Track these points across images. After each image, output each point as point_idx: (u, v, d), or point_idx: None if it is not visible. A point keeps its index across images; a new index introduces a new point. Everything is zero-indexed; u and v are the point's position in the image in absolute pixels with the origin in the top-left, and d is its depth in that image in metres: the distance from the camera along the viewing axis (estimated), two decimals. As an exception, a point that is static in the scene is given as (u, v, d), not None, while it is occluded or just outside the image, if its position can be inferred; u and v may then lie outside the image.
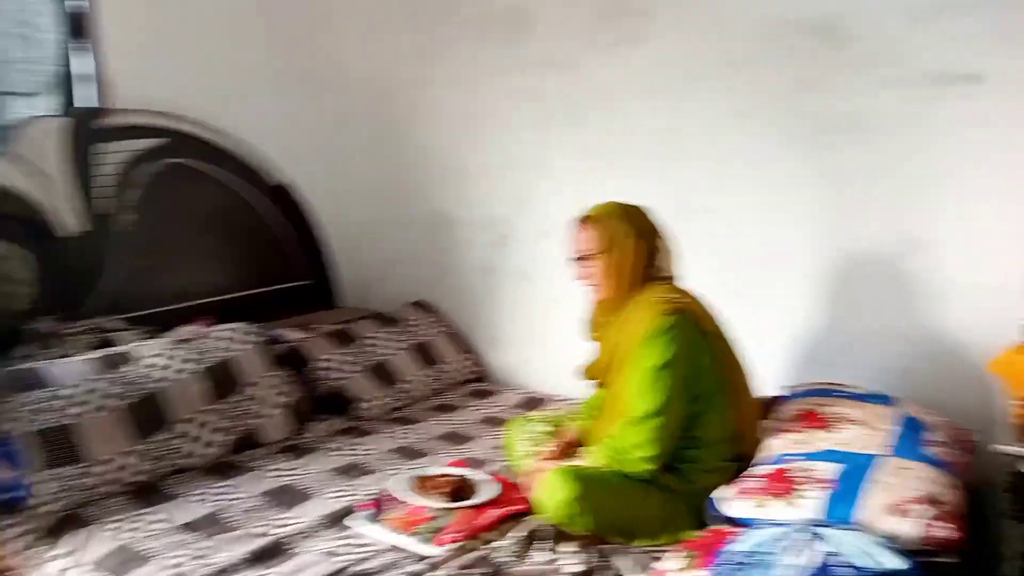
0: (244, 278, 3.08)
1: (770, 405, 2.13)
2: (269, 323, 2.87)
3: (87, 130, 2.60)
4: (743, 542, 1.50)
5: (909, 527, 1.52)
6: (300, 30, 3.29)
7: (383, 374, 2.83)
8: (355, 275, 3.48)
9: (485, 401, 2.89)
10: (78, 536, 1.90)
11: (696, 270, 2.13)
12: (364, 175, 3.45)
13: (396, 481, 2.05)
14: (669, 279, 2.03)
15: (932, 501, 1.57)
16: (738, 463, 1.93)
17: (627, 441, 1.86)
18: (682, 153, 2.58)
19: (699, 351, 1.91)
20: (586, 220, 2.02)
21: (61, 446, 2.04)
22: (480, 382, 3.13)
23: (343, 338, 2.89)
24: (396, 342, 2.97)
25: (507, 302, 3.13)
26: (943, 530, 1.51)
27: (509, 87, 2.95)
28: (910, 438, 1.80)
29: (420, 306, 3.26)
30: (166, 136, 2.79)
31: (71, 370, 2.19)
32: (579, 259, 2.03)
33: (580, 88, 2.78)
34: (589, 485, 1.81)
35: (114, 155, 2.66)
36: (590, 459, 1.95)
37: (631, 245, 1.97)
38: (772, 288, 2.47)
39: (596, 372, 2.12)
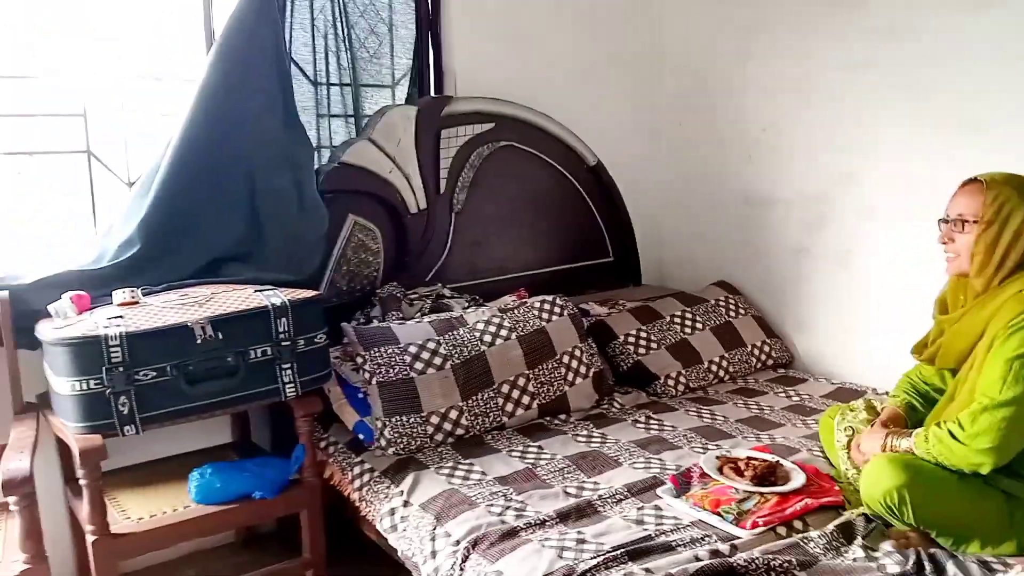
0: (556, 254, 3.24)
1: None
2: (575, 297, 3.00)
3: (433, 117, 2.89)
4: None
5: None
6: (621, 15, 3.37)
7: (685, 352, 2.84)
8: (656, 254, 3.51)
9: (791, 388, 2.77)
10: (413, 478, 2.14)
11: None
12: (673, 156, 3.46)
13: (703, 459, 2.05)
14: None
15: None
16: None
17: (967, 429, 1.68)
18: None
19: None
20: (974, 183, 1.82)
21: (402, 397, 2.31)
22: (785, 368, 3.01)
23: (646, 314, 2.93)
24: (698, 321, 2.96)
25: (820, 286, 2.96)
26: None
27: (838, 56, 2.78)
28: None
29: (724, 286, 3.20)
30: (496, 121, 3.02)
31: (414, 330, 2.47)
32: (951, 223, 1.84)
33: (922, 55, 2.53)
34: (917, 474, 1.67)
35: (453, 139, 2.94)
36: (916, 441, 1.78)
37: (1017, 224, 1.75)
38: None
39: (933, 353, 1.94)
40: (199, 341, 2.01)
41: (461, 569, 1.78)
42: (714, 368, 2.85)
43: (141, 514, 2.08)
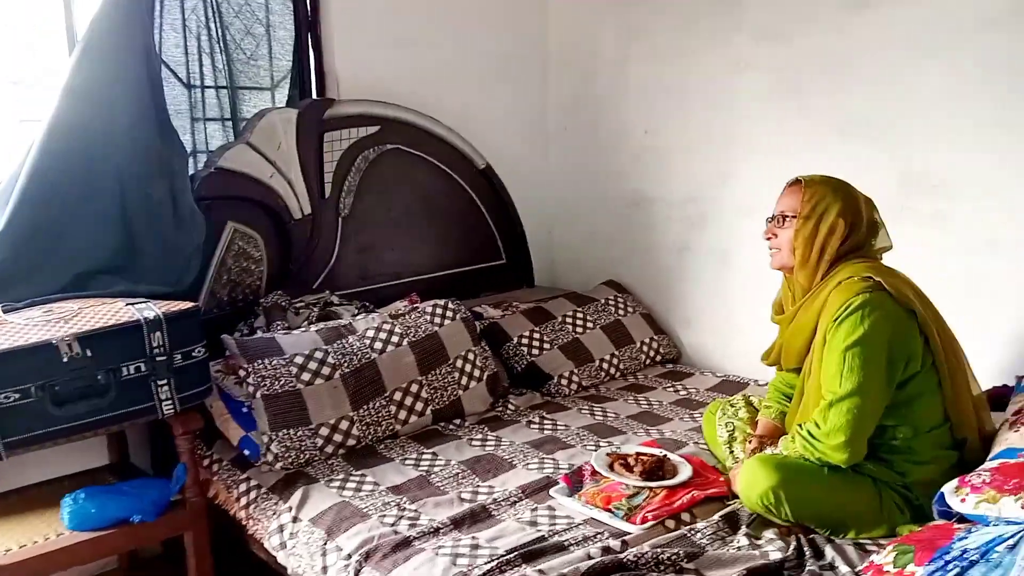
0: (447, 258, 3.23)
1: (1000, 395, 1.94)
2: (469, 300, 3.00)
3: (316, 120, 2.82)
4: (972, 539, 1.38)
5: None
6: (505, 16, 3.38)
7: (577, 351, 2.88)
8: (547, 255, 3.55)
9: (679, 383, 2.85)
10: (303, 493, 2.08)
11: (917, 249, 1.97)
12: (561, 157, 3.50)
13: (594, 457, 2.07)
14: (872, 259, 1.90)
15: None
16: (958, 454, 1.78)
17: (821, 427, 1.76)
18: (911, 124, 2.39)
19: (903, 330, 1.76)
20: (796, 183, 1.94)
21: (290, 409, 2.24)
22: (673, 363, 3.09)
23: (539, 315, 2.96)
24: (589, 321, 3.00)
25: (703, 283, 3.06)
26: None
27: (717, 59, 2.87)
28: None
29: (613, 285, 3.26)
30: (382, 124, 2.97)
31: (300, 340, 2.40)
32: (774, 220, 1.96)
33: (794, 58, 2.65)
34: (789, 474, 1.74)
35: (337, 142, 2.88)
36: (784, 446, 1.87)
37: (831, 220, 1.86)
38: (1007, 269, 2.23)
39: (776, 356, 2.04)
40: (65, 359, 1.89)
41: (354, 583, 1.74)
42: (605, 366, 2.90)
43: (9, 545, 1.94)
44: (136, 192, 2.37)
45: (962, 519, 1.57)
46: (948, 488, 1.63)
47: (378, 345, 2.44)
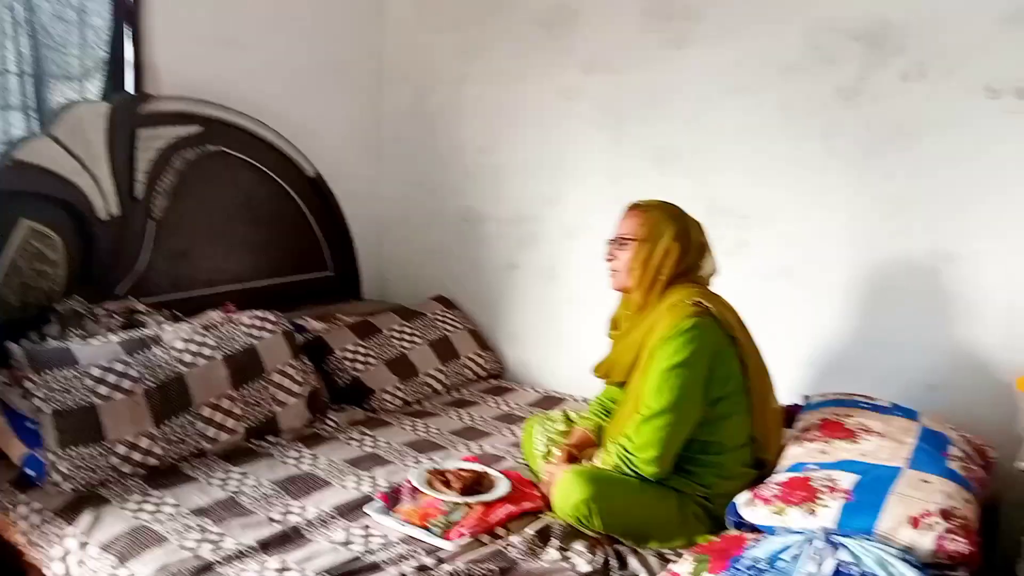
0: (271, 266, 3.10)
1: (790, 413, 2.11)
2: (292, 312, 2.89)
3: (129, 115, 2.62)
4: (760, 548, 1.48)
5: (925, 540, 1.50)
6: (342, 24, 3.30)
7: (402, 367, 2.84)
8: (377, 269, 3.50)
9: (501, 398, 2.89)
10: (94, 516, 1.91)
11: (726, 274, 2.10)
12: (395, 170, 3.47)
13: (412, 474, 2.05)
14: (702, 283, 2.01)
15: (947, 515, 1.54)
16: (759, 470, 1.91)
17: (634, 440, 1.84)
18: (719, 157, 2.56)
19: (723, 354, 1.89)
20: (635, 208, 2.02)
21: (82, 425, 2.06)
22: (498, 379, 3.13)
23: (365, 329, 2.90)
24: (416, 336, 2.98)
25: (529, 300, 3.12)
26: (957, 544, 1.49)
27: (547, 86, 2.95)
28: (930, 451, 1.77)
29: (442, 301, 3.26)
30: (205, 124, 2.81)
31: (97, 351, 2.22)
32: (614, 242, 2.02)
33: (619, 89, 2.77)
34: (602, 486, 1.80)
35: (153, 141, 2.69)
36: (601, 460, 1.93)
37: (666, 243, 1.96)
38: (800, 296, 2.44)
39: (606, 370, 2.11)
40: None
41: (146, 613, 1.62)
42: (430, 381, 2.89)
43: None
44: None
45: (753, 529, 1.69)
46: (740, 500, 1.74)
47: (187, 357, 2.29)
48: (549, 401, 2.82)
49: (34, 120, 2.59)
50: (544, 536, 1.83)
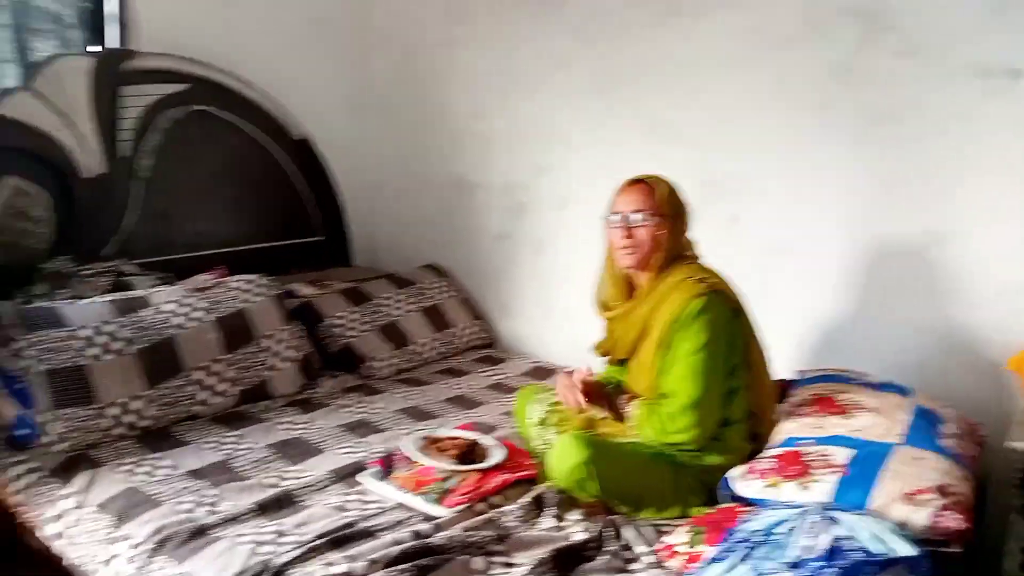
0: (259, 230, 3.07)
1: (782, 388, 2.13)
2: (281, 277, 2.86)
3: (113, 71, 2.57)
4: (756, 521, 1.50)
5: (919, 515, 1.52)
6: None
7: (394, 335, 2.84)
8: (367, 235, 3.46)
9: (493, 368, 2.89)
10: (86, 477, 1.91)
11: (717, 249, 2.10)
12: (384, 135, 3.43)
13: (406, 441, 2.05)
14: (694, 258, 2.02)
15: (943, 491, 1.57)
16: (753, 443, 1.94)
17: (674, 424, 1.85)
18: (712, 131, 2.55)
19: (732, 330, 1.90)
20: (639, 183, 1.96)
21: (73, 386, 2.05)
22: (489, 348, 3.12)
23: (356, 296, 2.89)
24: (408, 304, 2.97)
25: (520, 271, 3.11)
26: (953, 520, 1.51)
27: (539, 53, 2.91)
28: (924, 428, 1.80)
29: (433, 269, 3.25)
30: (191, 82, 2.76)
31: (87, 311, 2.19)
32: (623, 218, 1.93)
33: (612, 59, 2.74)
34: (599, 451, 1.81)
35: (138, 98, 2.64)
36: (634, 427, 1.92)
37: (685, 219, 1.96)
38: (793, 272, 2.45)
39: (607, 348, 2.10)
40: None
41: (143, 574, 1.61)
42: (422, 350, 2.88)
43: None
44: None
45: (747, 502, 1.71)
46: (734, 473, 1.77)
47: (177, 320, 2.27)
48: (540, 372, 2.82)
49: (15, 74, 2.52)
50: (539, 504, 1.84)
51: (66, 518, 1.82)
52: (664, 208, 1.93)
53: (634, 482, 1.83)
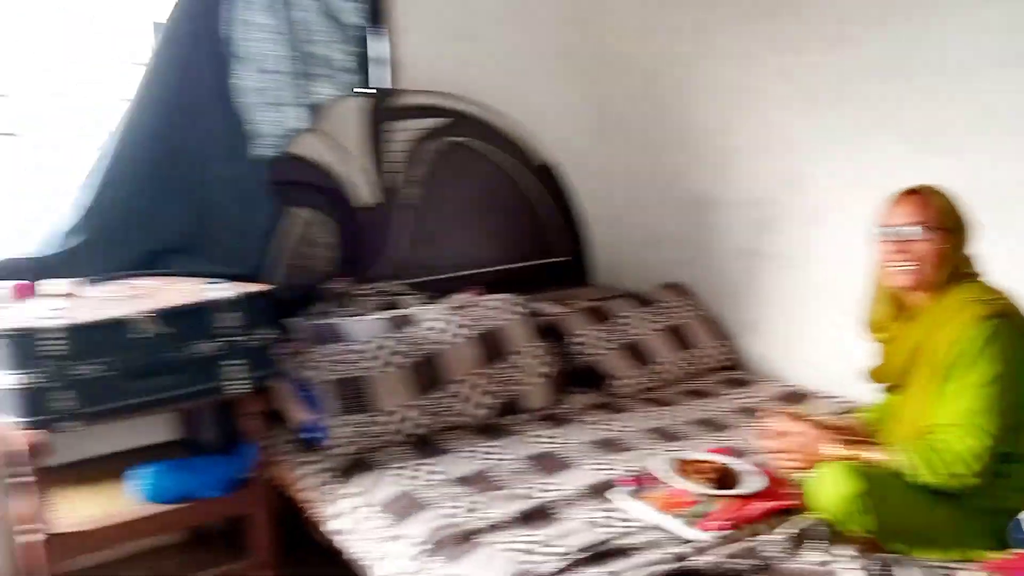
0: (508, 252, 3.22)
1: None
2: (529, 296, 2.98)
3: (382, 109, 2.84)
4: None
5: None
6: (574, 11, 3.35)
7: (636, 353, 2.85)
8: (609, 254, 3.52)
9: (741, 390, 2.81)
10: (367, 478, 2.10)
11: (996, 264, 1.89)
12: (625, 156, 3.47)
13: (658, 461, 2.05)
14: (975, 276, 1.84)
15: None
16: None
17: (956, 461, 1.68)
18: (981, 135, 2.31)
19: (1021, 358, 1.71)
20: (913, 193, 1.83)
21: (354, 395, 2.26)
22: (735, 370, 3.04)
23: (599, 315, 2.94)
24: (650, 323, 2.97)
25: (769, 288, 3.00)
26: None
27: (784, 63, 2.81)
28: None
29: (675, 288, 3.23)
30: (448, 116, 2.98)
31: (363, 328, 2.42)
32: (898, 233, 1.81)
33: (862, 64, 2.57)
34: (873, 483, 1.69)
35: (403, 133, 2.89)
36: (896, 457, 1.77)
37: (966, 232, 1.81)
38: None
39: (887, 375, 1.96)
40: (144, 335, 1.92)
41: (417, 572, 1.75)
42: (666, 369, 2.87)
43: (84, 513, 1.99)
44: (207, 174, 2.43)
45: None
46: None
47: (440, 336, 2.44)
48: (792, 396, 2.70)
49: (298, 115, 2.85)
50: (803, 537, 1.76)
51: (349, 516, 2.02)
52: (943, 220, 1.79)
53: (911, 519, 1.69)
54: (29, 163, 2.39)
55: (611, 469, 2.13)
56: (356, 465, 2.16)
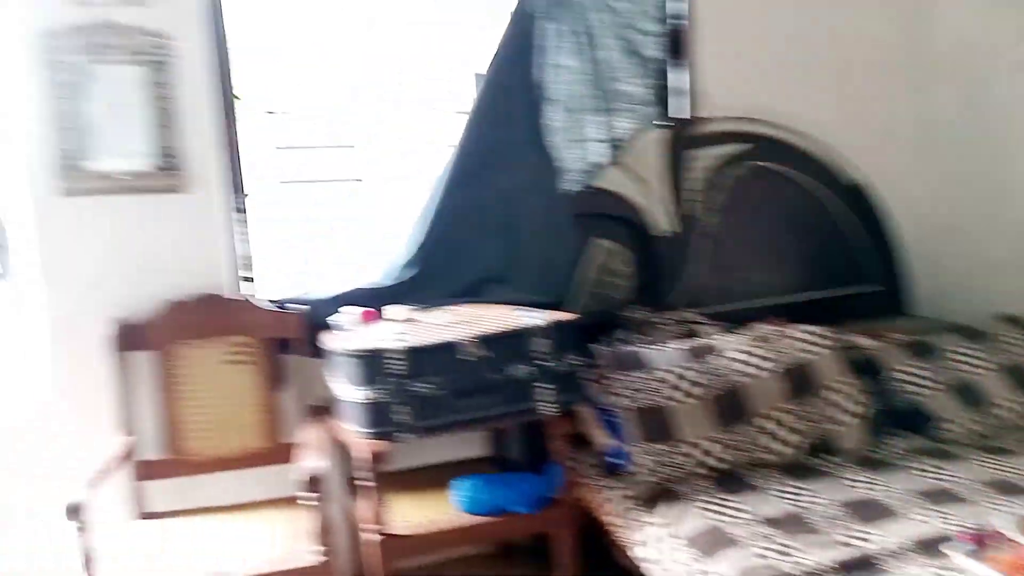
0: (813, 280, 3.07)
1: None
2: (838, 327, 2.79)
3: (681, 139, 2.85)
4: None
5: None
6: (881, 19, 3.14)
7: (969, 395, 2.55)
8: (931, 283, 3.19)
9: (1104, 442, 2.39)
10: (672, 509, 2.09)
11: None
12: (950, 172, 3.14)
13: (1002, 518, 1.81)
14: None
15: None
16: None
17: None
18: None
19: None
20: None
21: (655, 423, 2.27)
22: (1093, 417, 2.60)
23: (920, 350, 2.67)
24: (984, 360, 2.64)
25: None
26: None
27: None
28: None
29: (1012, 320, 2.84)
30: (749, 141, 2.92)
31: (665, 356, 2.43)
32: None
33: None
34: None
35: (702, 161, 2.89)
36: None
37: None
38: None
39: None
40: (467, 357, 2.10)
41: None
42: (1004, 413, 2.53)
43: (413, 519, 2.20)
44: (518, 208, 2.60)
45: None
46: None
47: (745, 368, 2.37)
48: None
49: (600, 149, 2.94)
50: None
51: (654, 545, 2.02)
52: None
53: None
54: (372, 204, 2.73)
55: (943, 523, 1.92)
56: (660, 494, 2.16)
